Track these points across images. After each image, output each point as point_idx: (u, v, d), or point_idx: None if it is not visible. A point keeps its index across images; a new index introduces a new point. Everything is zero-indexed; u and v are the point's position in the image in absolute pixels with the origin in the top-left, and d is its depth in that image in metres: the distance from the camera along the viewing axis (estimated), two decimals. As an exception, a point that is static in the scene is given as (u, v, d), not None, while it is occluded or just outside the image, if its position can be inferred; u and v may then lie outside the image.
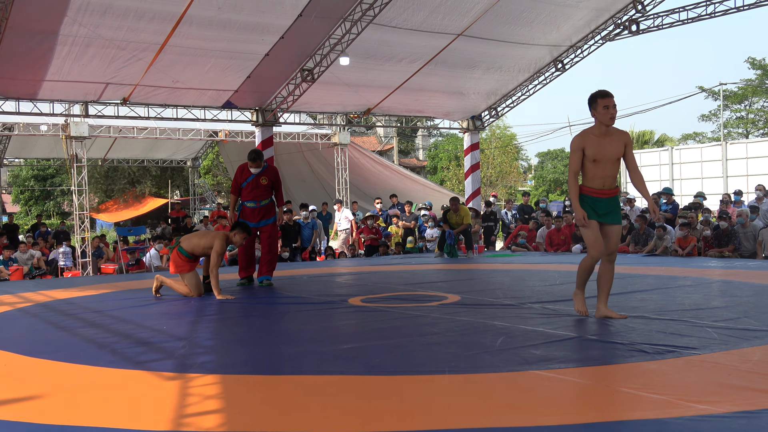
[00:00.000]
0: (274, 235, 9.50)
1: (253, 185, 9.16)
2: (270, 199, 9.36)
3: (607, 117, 5.50)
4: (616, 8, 15.23)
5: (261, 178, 9.16)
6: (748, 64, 36.09)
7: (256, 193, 9.18)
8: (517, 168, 41.44)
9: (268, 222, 9.33)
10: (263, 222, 9.30)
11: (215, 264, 8.04)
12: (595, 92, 5.58)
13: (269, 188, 9.28)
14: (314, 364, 4.46)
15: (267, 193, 9.27)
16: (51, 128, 18.41)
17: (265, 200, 9.27)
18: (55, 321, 6.70)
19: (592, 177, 5.60)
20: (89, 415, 3.46)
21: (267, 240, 9.42)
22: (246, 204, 9.27)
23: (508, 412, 3.29)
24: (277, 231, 9.62)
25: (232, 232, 8.35)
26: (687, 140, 41.02)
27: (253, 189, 9.17)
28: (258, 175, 9.18)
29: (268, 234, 9.38)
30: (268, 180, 9.20)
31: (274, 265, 9.56)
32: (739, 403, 3.27)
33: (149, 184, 34.03)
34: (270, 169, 9.37)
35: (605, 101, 5.50)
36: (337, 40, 13.26)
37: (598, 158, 5.51)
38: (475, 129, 18.58)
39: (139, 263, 15.36)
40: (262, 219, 9.28)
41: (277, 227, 9.59)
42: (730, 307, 6.27)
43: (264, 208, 9.27)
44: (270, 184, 9.25)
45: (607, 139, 5.55)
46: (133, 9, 11.51)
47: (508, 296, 7.43)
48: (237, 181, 9.31)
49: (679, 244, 13.09)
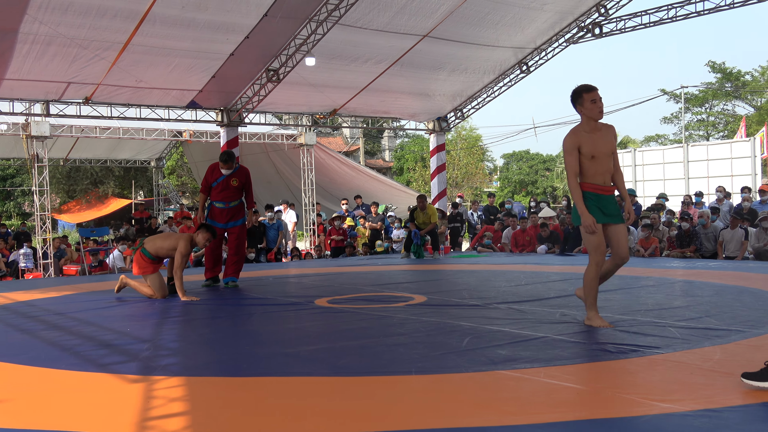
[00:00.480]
0: (242, 237, 9.44)
1: (224, 186, 9.08)
2: (239, 200, 9.29)
3: (596, 111, 5.28)
4: (579, 11, 15.39)
5: (232, 179, 9.08)
6: (709, 67, 36.70)
7: (226, 194, 9.11)
8: (482, 169, 41.72)
9: (236, 224, 9.26)
10: (231, 223, 9.23)
11: (179, 265, 7.97)
12: (579, 87, 5.37)
13: (239, 190, 9.21)
14: (280, 365, 4.44)
15: (237, 195, 9.20)
16: (11, 127, 18.08)
17: (235, 202, 9.20)
18: (16, 323, 6.58)
19: (593, 174, 5.34)
20: (52, 419, 3.41)
21: (235, 242, 9.35)
22: (215, 204, 9.19)
23: (474, 411, 3.30)
24: (245, 233, 9.55)
25: (196, 232, 8.30)
26: (649, 142, 41.61)
27: (223, 189, 9.09)
28: (229, 177, 9.11)
29: (236, 236, 9.32)
30: (238, 182, 9.13)
31: (240, 267, 9.49)
32: (702, 401, 3.32)
33: (112, 184, 33.62)
34: (241, 170, 9.28)
35: (591, 95, 5.30)
36: (303, 41, 13.22)
37: (595, 154, 5.29)
38: (440, 130, 18.65)
39: (103, 265, 15.17)
40: (230, 220, 9.21)
41: (245, 230, 9.52)
42: (691, 306, 6.36)
43: (233, 209, 9.20)
44: (240, 186, 9.18)
45: (599, 133, 5.34)
46: (95, 6, 11.34)
47: (474, 297, 7.46)
48: (207, 180, 9.21)
49: (642, 244, 13.26)
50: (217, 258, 9.38)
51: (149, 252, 8.12)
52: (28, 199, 31.46)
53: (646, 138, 42.47)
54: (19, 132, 17.97)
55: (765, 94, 35.79)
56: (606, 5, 15.25)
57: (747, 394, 3.40)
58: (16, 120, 17.43)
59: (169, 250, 8.09)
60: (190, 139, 20.37)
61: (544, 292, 7.64)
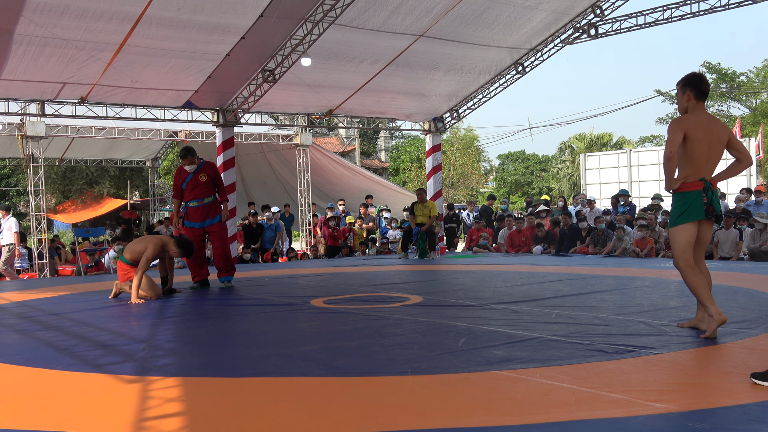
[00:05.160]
0: (224, 234, 9.42)
1: (193, 184, 9.06)
2: (213, 196, 9.25)
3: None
4: (575, 12, 15.39)
5: (200, 175, 9.05)
6: (704, 68, 36.77)
7: (198, 192, 9.09)
8: (478, 170, 41.74)
9: (214, 221, 9.24)
10: (209, 221, 9.22)
11: (141, 267, 7.99)
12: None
13: (210, 185, 9.17)
14: (276, 366, 4.44)
15: (209, 190, 9.18)
16: (6, 127, 18.04)
17: (209, 198, 9.18)
18: (11, 324, 6.58)
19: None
20: (47, 419, 3.41)
21: (217, 241, 9.34)
22: (189, 204, 9.17)
23: (470, 412, 3.31)
24: (225, 229, 9.50)
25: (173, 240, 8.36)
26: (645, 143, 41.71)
27: (194, 188, 9.07)
28: (196, 173, 9.08)
29: (218, 235, 9.30)
30: (207, 176, 9.10)
31: (231, 263, 9.51)
32: (697, 401, 3.33)
33: (108, 184, 33.51)
34: (207, 165, 9.24)
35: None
36: (299, 41, 13.20)
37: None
38: (436, 131, 18.64)
39: (98, 265, 15.15)
40: (207, 218, 9.20)
41: (225, 225, 9.49)
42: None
43: (208, 206, 9.18)
44: (210, 180, 9.14)
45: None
46: (91, 9, 11.32)
47: (470, 297, 7.47)
48: (177, 183, 9.18)
49: (637, 245, 13.28)
50: (200, 263, 9.35)
51: (127, 258, 8.18)
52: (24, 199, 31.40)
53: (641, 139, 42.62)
54: (15, 132, 17.94)
55: (760, 96, 35.87)
56: (602, 6, 15.25)
57: (742, 394, 3.41)
58: (12, 120, 17.39)
59: (141, 253, 8.11)
60: (186, 139, 20.32)
61: (539, 293, 7.66)
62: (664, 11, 14.69)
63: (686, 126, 4.96)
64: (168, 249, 8.37)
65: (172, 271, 8.89)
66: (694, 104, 5.07)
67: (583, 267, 10.87)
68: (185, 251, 8.47)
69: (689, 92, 5.08)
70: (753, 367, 3.79)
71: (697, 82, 5.07)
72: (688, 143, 4.95)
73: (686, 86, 5.10)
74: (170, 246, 8.33)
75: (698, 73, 5.16)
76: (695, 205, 5.00)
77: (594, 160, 24.19)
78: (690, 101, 5.08)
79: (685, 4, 14.32)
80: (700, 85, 5.07)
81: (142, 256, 8.01)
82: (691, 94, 5.07)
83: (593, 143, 39.88)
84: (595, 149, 37.05)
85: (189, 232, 9.17)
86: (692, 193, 5.00)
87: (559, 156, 45.65)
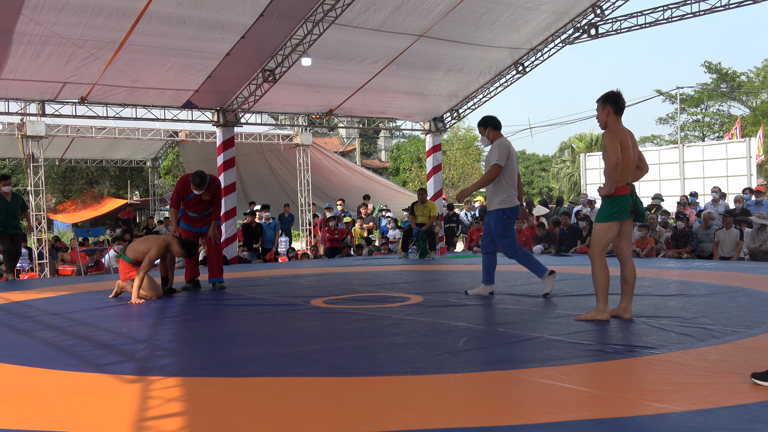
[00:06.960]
0: (217, 237, 9.55)
1: (196, 201, 9.18)
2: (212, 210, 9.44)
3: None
4: (575, 12, 15.39)
5: (204, 194, 9.11)
6: (705, 68, 36.79)
7: (199, 208, 9.32)
8: (479, 169, 41.69)
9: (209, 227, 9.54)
10: (206, 228, 9.51)
11: (144, 267, 8.02)
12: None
13: (211, 202, 9.31)
14: (277, 365, 4.44)
15: (209, 206, 9.38)
16: (6, 127, 18.04)
17: (208, 211, 9.44)
18: (12, 324, 6.58)
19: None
20: (48, 419, 3.41)
21: (210, 241, 9.46)
22: (189, 212, 9.30)
23: (471, 412, 3.31)
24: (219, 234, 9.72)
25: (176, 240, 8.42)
26: (645, 143, 41.67)
27: (196, 204, 9.23)
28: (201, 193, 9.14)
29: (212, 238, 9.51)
30: (210, 195, 9.19)
31: (221, 266, 9.68)
32: (697, 401, 3.33)
33: (108, 184, 33.55)
34: (212, 183, 9.28)
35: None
36: (299, 41, 13.19)
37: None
38: (437, 130, 18.63)
39: (99, 264, 15.14)
40: (204, 225, 9.49)
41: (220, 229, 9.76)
42: (687, 307, 6.37)
43: (206, 217, 9.46)
44: (212, 198, 9.25)
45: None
46: (90, 4, 11.29)
47: (470, 297, 7.47)
48: (179, 194, 9.19)
49: (638, 245, 13.28)
50: (194, 263, 9.47)
51: (129, 257, 8.21)
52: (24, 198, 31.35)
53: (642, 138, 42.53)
54: (15, 132, 17.94)
55: (760, 95, 35.88)
56: (602, 6, 15.25)
57: (743, 394, 3.41)
58: (12, 120, 17.38)
59: (144, 253, 8.14)
60: (186, 139, 20.32)
61: (540, 293, 7.66)
62: (664, 11, 14.69)
63: (620, 136, 5.59)
64: (171, 249, 8.39)
65: (173, 271, 8.92)
66: (613, 118, 5.67)
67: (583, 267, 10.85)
68: (188, 251, 8.51)
69: (609, 108, 5.67)
70: (753, 367, 3.80)
71: (616, 99, 5.69)
72: (621, 151, 5.56)
73: (606, 102, 5.70)
74: (173, 246, 8.36)
75: (616, 91, 5.75)
76: (625, 207, 5.62)
77: (594, 160, 24.18)
78: (610, 116, 5.67)
79: (685, 4, 14.32)
80: (618, 102, 5.69)
81: (146, 257, 8.03)
82: (611, 109, 5.67)
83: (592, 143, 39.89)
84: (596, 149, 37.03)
85: (185, 233, 9.26)
86: (624, 197, 5.62)
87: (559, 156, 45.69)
